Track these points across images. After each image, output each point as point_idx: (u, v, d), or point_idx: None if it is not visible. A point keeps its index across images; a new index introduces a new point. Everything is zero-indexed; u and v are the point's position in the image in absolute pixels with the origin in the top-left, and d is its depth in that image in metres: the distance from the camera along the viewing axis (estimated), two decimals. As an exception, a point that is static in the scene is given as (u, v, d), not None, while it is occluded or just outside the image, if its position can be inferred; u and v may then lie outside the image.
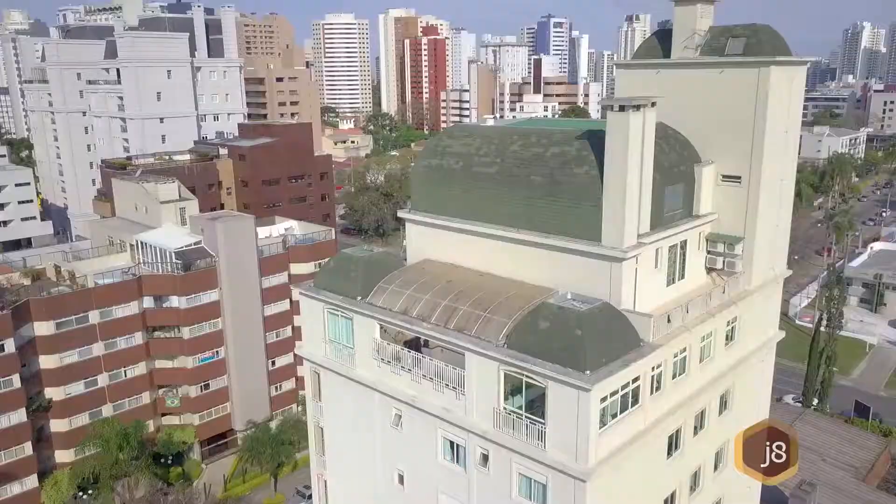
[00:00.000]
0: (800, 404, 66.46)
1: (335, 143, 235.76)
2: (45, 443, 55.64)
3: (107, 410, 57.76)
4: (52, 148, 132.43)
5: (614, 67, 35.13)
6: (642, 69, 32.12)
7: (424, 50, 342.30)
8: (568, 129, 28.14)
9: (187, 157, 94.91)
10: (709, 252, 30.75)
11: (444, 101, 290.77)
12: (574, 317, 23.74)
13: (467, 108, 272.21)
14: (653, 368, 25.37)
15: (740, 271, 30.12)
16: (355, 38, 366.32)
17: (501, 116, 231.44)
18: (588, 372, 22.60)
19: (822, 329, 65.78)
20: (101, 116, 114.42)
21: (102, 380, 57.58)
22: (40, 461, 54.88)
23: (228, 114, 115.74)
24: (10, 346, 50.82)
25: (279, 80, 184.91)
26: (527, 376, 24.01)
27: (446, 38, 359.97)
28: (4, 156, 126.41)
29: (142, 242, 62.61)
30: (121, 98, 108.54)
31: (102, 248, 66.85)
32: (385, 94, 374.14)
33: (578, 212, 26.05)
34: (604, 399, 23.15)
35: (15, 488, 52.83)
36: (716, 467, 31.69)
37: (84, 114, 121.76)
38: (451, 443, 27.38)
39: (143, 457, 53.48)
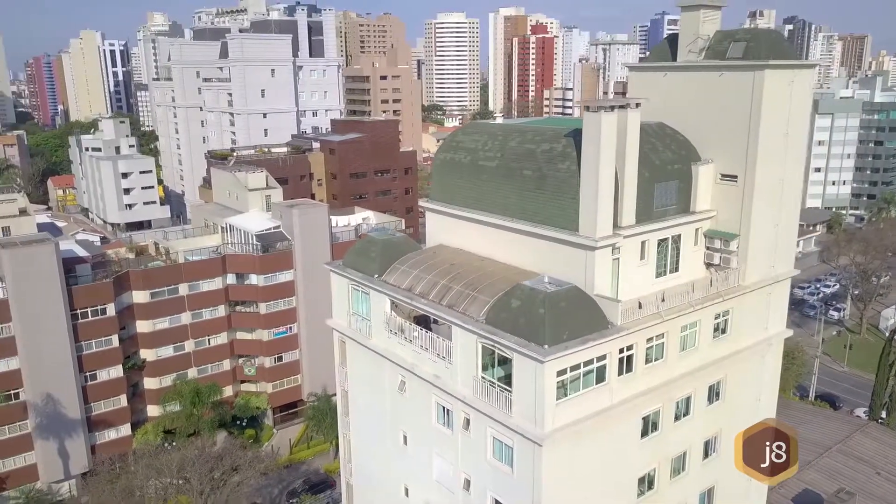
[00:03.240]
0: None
1: (437, 141, 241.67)
2: (138, 397, 63.44)
3: (192, 373, 64.91)
4: (173, 139, 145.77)
5: (627, 69, 37.00)
6: (651, 71, 33.78)
7: (532, 48, 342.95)
8: (561, 127, 30.41)
9: (284, 149, 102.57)
10: (707, 248, 32.08)
11: (547, 99, 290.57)
12: (540, 297, 26.19)
13: (570, 107, 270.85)
14: (621, 350, 27.37)
15: (735, 267, 31.25)
16: (465, 37, 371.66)
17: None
18: (546, 346, 25.05)
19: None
20: (214, 111, 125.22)
21: (189, 346, 64.77)
22: (134, 413, 62.66)
23: (326, 110, 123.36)
24: (111, 310, 58.56)
25: (383, 78, 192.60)
26: (498, 348, 26.75)
27: (555, 36, 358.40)
28: (133, 146, 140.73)
29: (229, 225, 69.49)
30: (230, 94, 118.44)
31: (198, 230, 74.63)
32: (492, 91, 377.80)
33: (560, 203, 28.38)
34: (562, 372, 25.49)
35: (111, 434, 60.86)
36: (706, 455, 32.90)
37: (200, 109, 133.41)
38: (443, 408, 30.46)
39: (214, 415, 59.99)
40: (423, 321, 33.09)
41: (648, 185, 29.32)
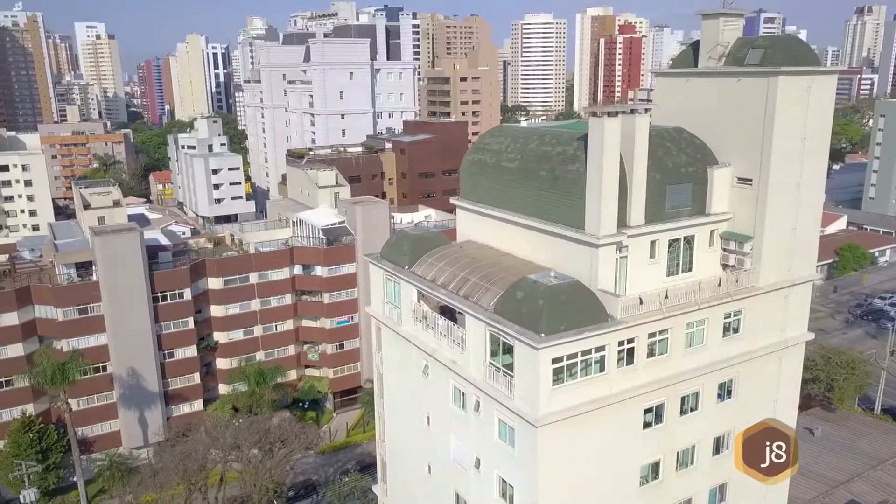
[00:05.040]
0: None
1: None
2: (211, 376, 68.90)
3: (259, 356, 69.83)
4: (260, 139, 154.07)
5: (652, 75, 38.15)
6: (675, 77, 34.87)
7: (619, 48, 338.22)
8: (578, 131, 32.01)
9: (359, 149, 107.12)
10: (723, 249, 32.90)
11: (631, 100, 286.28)
12: (541, 289, 28.04)
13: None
14: (621, 343, 28.82)
15: (748, 269, 31.95)
16: (552, 38, 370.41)
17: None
18: (543, 335, 26.91)
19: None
20: (297, 112, 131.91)
21: (257, 331, 69.77)
22: (207, 390, 68.19)
23: (402, 111, 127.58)
24: (187, 294, 64.09)
25: (463, 79, 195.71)
26: (502, 336, 28.80)
27: (643, 36, 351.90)
28: (224, 144, 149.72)
29: (299, 220, 74.13)
30: (311, 96, 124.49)
31: (272, 223, 79.83)
32: (577, 92, 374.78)
33: (569, 202, 30.10)
34: (558, 360, 27.26)
35: (185, 408, 66.55)
36: (717, 451, 33.62)
37: (285, 109, 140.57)
38: (459, 391, 32.73)
39: (276, 395, 64.52)
40: (449, 310, 35.39)
41: (660, 187, 30.56)
